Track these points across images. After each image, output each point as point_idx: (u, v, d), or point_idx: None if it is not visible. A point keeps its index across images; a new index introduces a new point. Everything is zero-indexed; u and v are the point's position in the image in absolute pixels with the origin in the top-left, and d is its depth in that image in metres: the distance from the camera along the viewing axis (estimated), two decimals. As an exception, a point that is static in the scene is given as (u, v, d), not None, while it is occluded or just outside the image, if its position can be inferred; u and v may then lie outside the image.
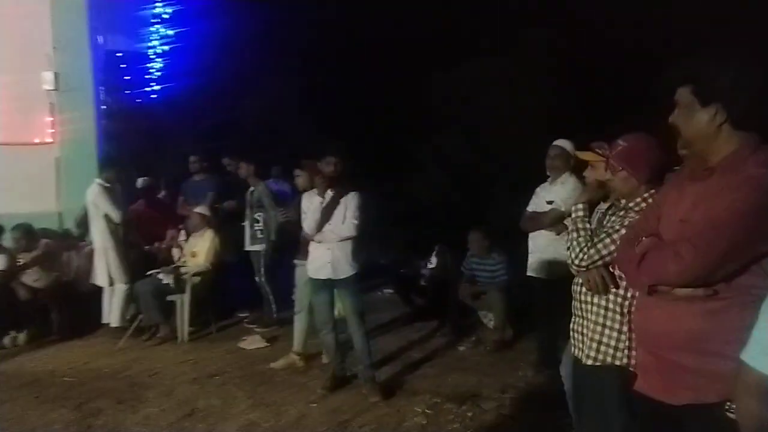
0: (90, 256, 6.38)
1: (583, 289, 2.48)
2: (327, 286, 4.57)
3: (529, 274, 4.76)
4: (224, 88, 13.87)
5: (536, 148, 4.99)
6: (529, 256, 4.75)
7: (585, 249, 2.42)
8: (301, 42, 13.16)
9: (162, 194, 8.02)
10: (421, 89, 11.38)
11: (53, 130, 6.85)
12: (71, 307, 6.35)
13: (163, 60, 12.94)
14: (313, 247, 4.60)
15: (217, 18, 12.95)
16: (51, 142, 6.87)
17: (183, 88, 13.54)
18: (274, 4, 13.21)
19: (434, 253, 6.77)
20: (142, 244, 6.74)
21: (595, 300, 2.44)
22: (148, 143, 14.47)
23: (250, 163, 6.36)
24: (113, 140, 10.39)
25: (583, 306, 2.49)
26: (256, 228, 6.40)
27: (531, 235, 4.74)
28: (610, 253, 2.35)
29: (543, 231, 4.61)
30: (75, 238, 6.75)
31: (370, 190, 4.81)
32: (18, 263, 6.28)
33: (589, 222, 2.55)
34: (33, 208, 6.70)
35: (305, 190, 4.81)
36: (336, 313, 4.67)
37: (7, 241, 6.40)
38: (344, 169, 4.68)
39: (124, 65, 12.47)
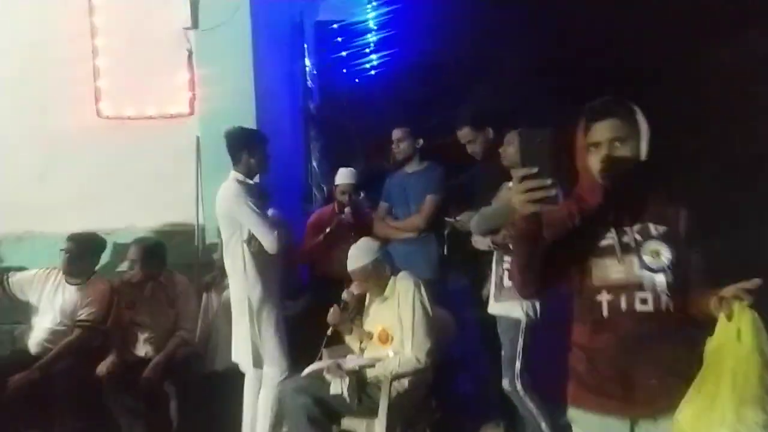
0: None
1: None
2: None
3: None
4: (454, 67, 10.72)
5: None
6: None
7: None
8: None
9: (360, 196, 5.06)
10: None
11: (192, 94, 4.24)
12: (200, 393, 3.65)
13: (384, 31, 10.36)
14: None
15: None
16: (188, 114, 4.27)
17: (406, 64, 10.91)
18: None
19: None
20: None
21: None
22: (359, 130, 12.02)
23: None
24: (317, 127, 8.14)
25: None
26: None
27: None
28: None
29: None
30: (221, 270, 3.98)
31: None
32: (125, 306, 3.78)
33: None
34: (159, 219, 4.19)
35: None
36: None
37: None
38: None
39: (340, 38, 10.28)
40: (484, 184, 3.41)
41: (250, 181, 3.35)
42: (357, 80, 11.35)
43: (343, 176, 4.11)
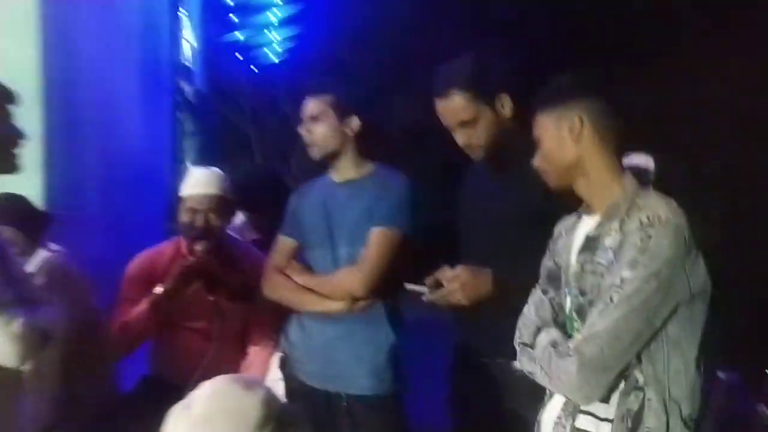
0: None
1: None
2: None
3: None
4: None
5: None
6: None
7: None
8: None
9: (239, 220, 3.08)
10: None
11: None
12: None
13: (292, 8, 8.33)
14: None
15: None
16: None
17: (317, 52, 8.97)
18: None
19: None
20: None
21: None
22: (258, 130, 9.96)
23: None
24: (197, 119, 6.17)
25: None
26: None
27: None
28: None
29: None
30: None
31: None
32: None
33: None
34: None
35: None
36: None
37: None
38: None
39: (234, 19, 8.20)
40: (504, 208, 1.65)
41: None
42: (255, 69, 9.36)
43: (196, 182, 2.11)
